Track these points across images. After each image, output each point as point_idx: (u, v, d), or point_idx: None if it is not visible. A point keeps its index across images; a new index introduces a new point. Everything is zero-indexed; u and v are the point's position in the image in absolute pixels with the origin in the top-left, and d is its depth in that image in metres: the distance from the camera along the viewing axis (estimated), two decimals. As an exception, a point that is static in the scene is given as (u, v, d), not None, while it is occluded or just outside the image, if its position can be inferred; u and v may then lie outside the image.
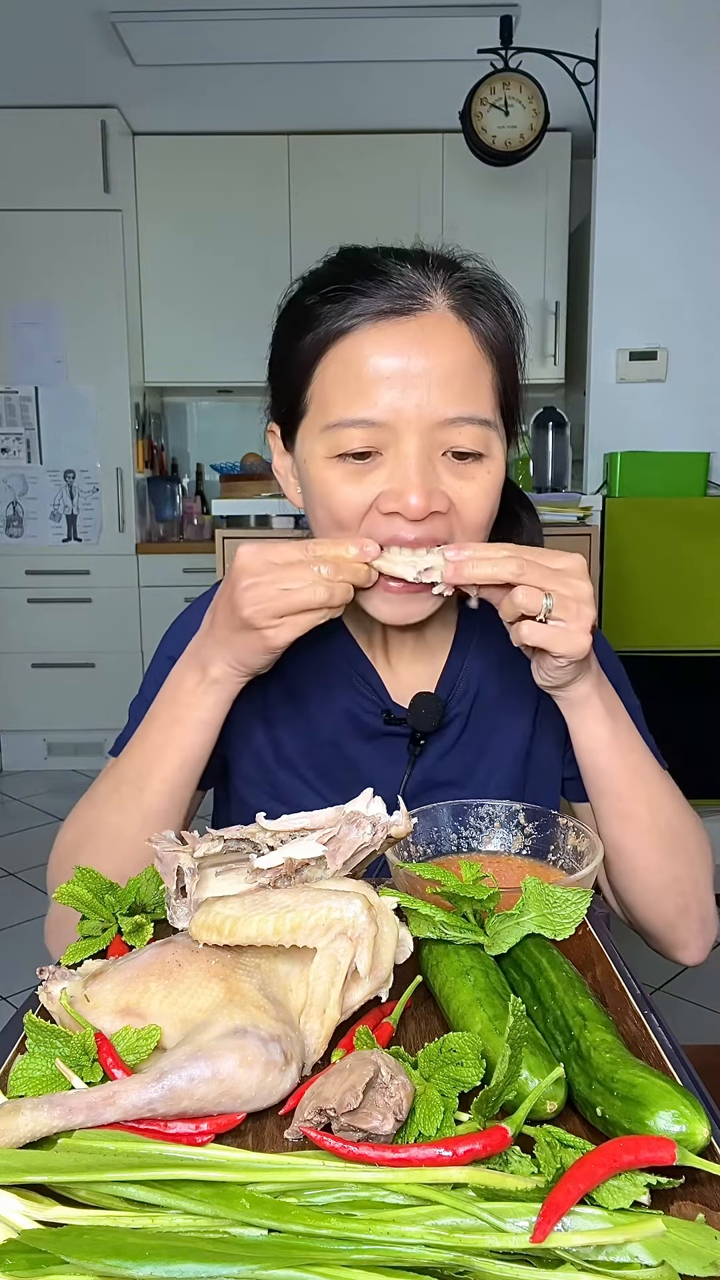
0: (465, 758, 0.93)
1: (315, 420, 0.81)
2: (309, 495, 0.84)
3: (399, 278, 0.78)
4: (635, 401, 2.77)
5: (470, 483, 0.79)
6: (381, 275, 0.78)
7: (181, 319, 4.05)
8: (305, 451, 0.82)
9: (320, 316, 0.80)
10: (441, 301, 0.78)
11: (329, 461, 0.79)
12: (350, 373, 0.77)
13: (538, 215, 3.91)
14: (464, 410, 0.77)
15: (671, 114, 2.67)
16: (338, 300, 0.79)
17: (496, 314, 0.81)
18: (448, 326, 0.78)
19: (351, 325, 0.78)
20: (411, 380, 0.76)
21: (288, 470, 0.89)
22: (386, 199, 3.89)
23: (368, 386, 0.76)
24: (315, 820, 0.65)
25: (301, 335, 0.81)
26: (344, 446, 0.78)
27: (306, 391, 0.81)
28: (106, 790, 0.86)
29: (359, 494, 0.79)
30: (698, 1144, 0.46)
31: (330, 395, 0.79)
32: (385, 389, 0.76)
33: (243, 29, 3.11)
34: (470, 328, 0.79)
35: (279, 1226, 0.42)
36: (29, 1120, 0.47)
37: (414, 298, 0.77)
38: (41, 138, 3.69)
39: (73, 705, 3.96)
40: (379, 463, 0.78)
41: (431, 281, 0.79)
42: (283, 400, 0.85)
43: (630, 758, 0.84)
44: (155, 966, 0.56)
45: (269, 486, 2.86)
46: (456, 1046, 0.52)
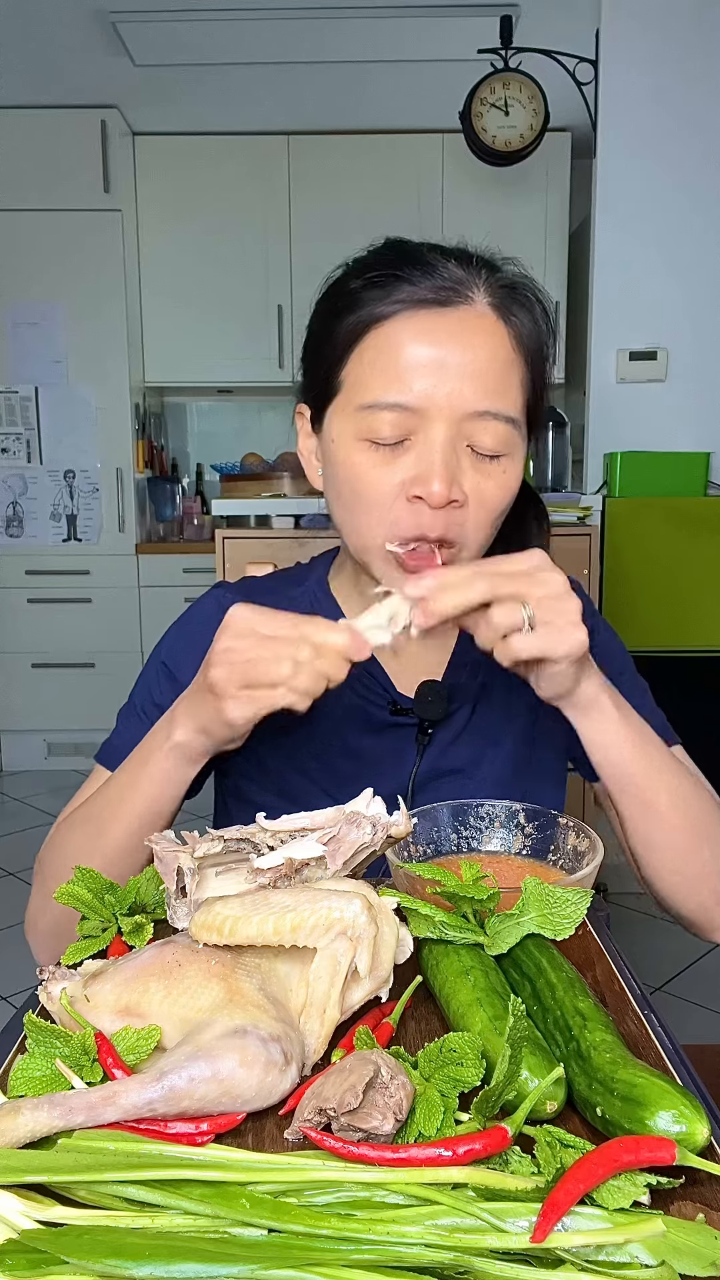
0: (473, 744, 0.94)
1: (348, 400, 0.82)
2: (334, 475, 0.85)
3: (443, 270, 0.80)
4: (635, 401, 2.77)
5: (489, 480, 0.81)
6: (426, 266, 0.80)
7: (181, 319, 4.05)
8: (334, 431, 0.84)
9: (362, 300, 0.81)
10: (482, 298, 0.80)
11: (358, 444, 0.81)
12: (388, 356, 0.79)
13: (538, 215, 3.91)
14: (494, 405, 0.79)
15: (672, 114, 2.66)
16: (381, 286, 0.80)
17: (532, 316, 0.83)
18: (487, 323, 0.80)
19: (393, 311, 0.79)
20: (447, 370, 0.78)
21: (311, 452, 0.90)
22: (386, 199, 3.89)
23: (404, 371, 0.78)
24: (315, 820, 0.65)
25: (342, 317, 0.82)
26: (375, 429, 0.79)
27: (341, 372, 0.83)
28: (79, 819, 0.87)
29: (387, 479, 0.80)
30: (698, 1144, 0.46)
31: (366, 377, 0.80)
32: (421, 375, 0.78)
33: (243, 29, 3.11)
34: (508, 326, 0.81)
35: (279, 1226, 0.42)
36: (29, 1120, 0.47)
37: (456, 291, 0.79)
38: (41, 138, 3.69)
39: (73, 705, 3.96)
40: (406, 449, 0.80)
41: (474, 278, 0.81)
42: (315, 380, 0.86)
43: (647, 751, 0.82)
44: (155, 966, 0.56)
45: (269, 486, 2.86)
46: (456, 1046, 0.52)
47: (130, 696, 0.96)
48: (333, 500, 0.87)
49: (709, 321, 2.73)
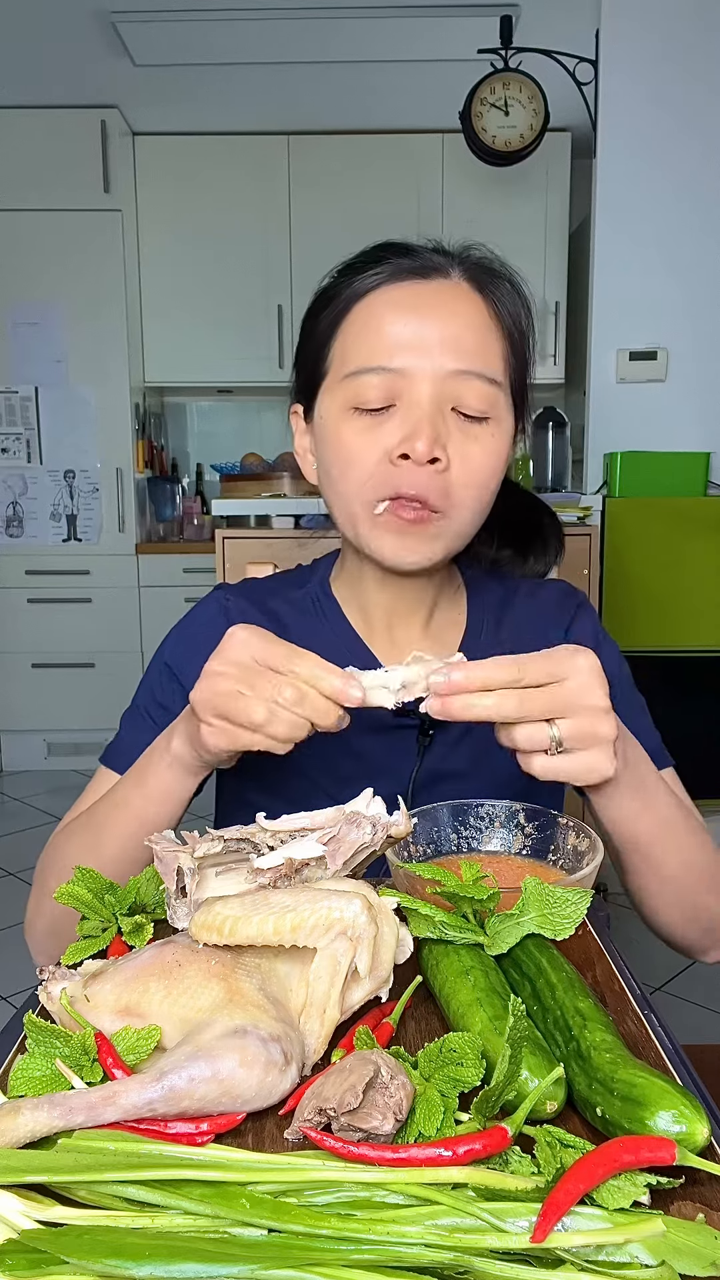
0: (474, 749, 0.94)
1: (336, 375, 0.84)
2: (325, 453, 0.86)
3: (420, 251, 0.85)
4: (635, 401, 2.77)
5: (475, 444, 0.83)
6: (402, 248, 0.85)
7: (181, 319, 4.05)
8: (324, 410, 0.86)
9: (344, 287, 0.85)
10: (458, 273, 0.84)
11: (345, 414, 0.83)
12: (370, 326, 0.82)
13: (538, 215, 3.91)
14: (475, 365, 0.81)
15: (671, 114, 2.66)
16: (361, 270, 0.84)
17: (508, 293, 0.86)
18: (463, 293, 0.84)
19: (374, 284, 0.83)
20: (428, 333, 0.81)
21: (306, 449, 0.92)
22: (386, 199, 3.89)
23: (386, 337, 0.81)
24: (315, 820, 0.65)
25: (326, 309, 0.86)
26: (361, 395, 0.82)
27: (329, 355, 0.86)
28: (79, 825, 0.87)
29: (373, 446, 0.82)
30: (698, 1144, 0.46)
31: (350, 348, 0.83)
32: (403, 339, 0.81)
33: (243, 29, 3.11)
34: (484, 299, 0.84)
35: (279, 1226, 0.42)
36: (29, 1120, 0.47)
37: (434, 266, 0.84)
38: (41, 138, 3.69)
39: (73, 705, 3.96)
40: (392, 414, 0.82)
41: (450, 260, 0.85)
42: (305, 372, 0.89)
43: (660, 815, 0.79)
44: (155, 966, 0.56)
45: (269, 486, 2.86)
46: (456, 1046, 0.52)
47: (134, 699, 0.96)
48: (324, 482, 0.88)
49: (709, 321, 2.73)
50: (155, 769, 0.79)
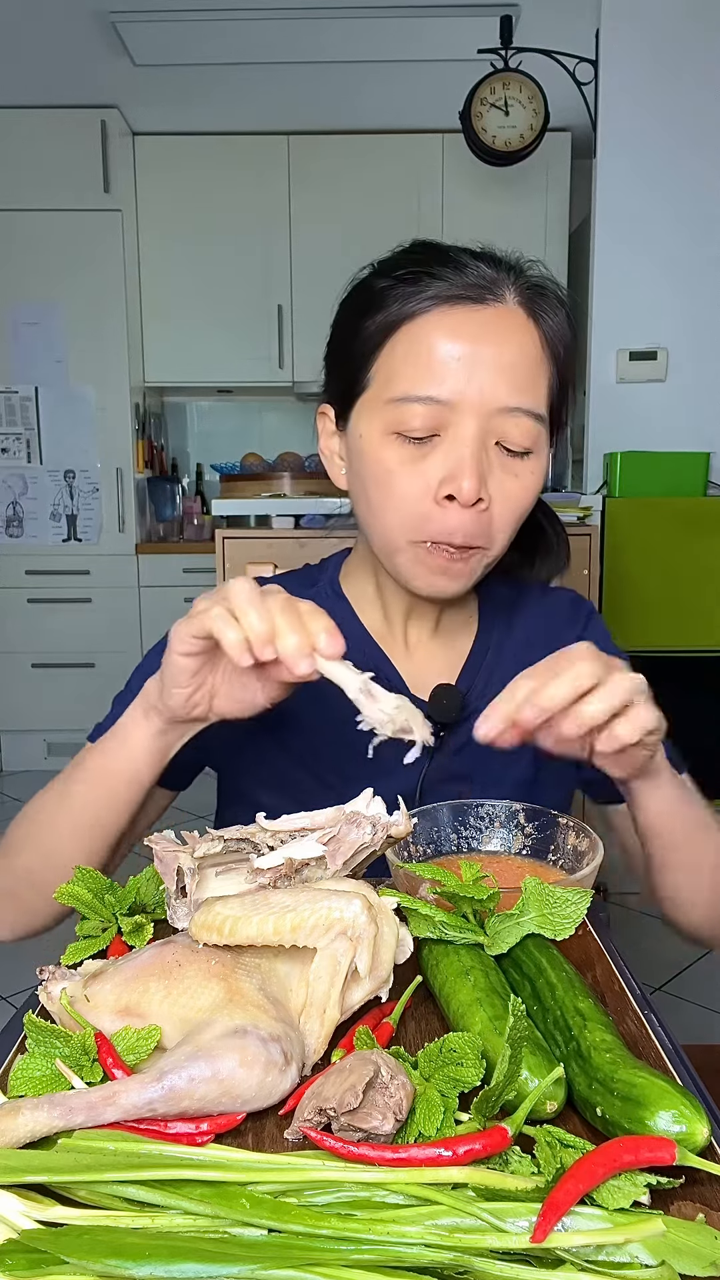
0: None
1: (378, 395, 0.82)
2: (361, 472, 0.85)
3: (473, 268, 0.81)
4: (635, 401, 2.77)
5: (515, 480, 0.82)
6: (456, 264, 0.81)
7: (181, 319, 4.05)
8: (362, 428, 0.84)
9: (392, 297, 0.82)
10: (513, 297, 0.81)
11: (386, 439, 0.81)
12: (419, 351, 0.79)
13: (538, 215, 3.91)
14: (524, 401, 0.80)
15: (671, 114, 2.66)
16: (412, 283, 0.81)
17: (559, 317, 0.84)
18: (517, 321, 0.81)
19: (425, 307, 0.80)
20: (478, 365, 0.78)
21: (334, 451, 0.91)
22: (386, 199, 3.89)
23: (436, 365, 0.79)
24: (315, 820, 0.65)
25: (370, 316, 0.83)
26: (405, 423, 0.80)
27: (371, 368, 0.83)
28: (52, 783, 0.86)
29: (416, 478, 0.81)
30: (698, 1144, 0.46)
31: (397, 371, 0.81)
32: (453, 369, 0.78)
33: (243, 29, 3.11)
34: (537, 326, 0.82)
35: (279, 1226, 0.42)
36: (29, 1120, 0.47)
37: (488, 289, 0.80)
38: (41, 138, 3.69)
39: (73, 705, 3.95)
40: (435, 445, 0.80)
41: (504, 278, 0.82)
42: (342, 378, 0.86)
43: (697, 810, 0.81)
44: (155, 966, 0.56)
45: (269, 486, 2.86)
46: (456, 1046, 0.52)
47: (128, 682, 0.96)
48: (358, 498, 0.87)
49: (709, 321, 2.73)
50: (124, 718, 0.80)
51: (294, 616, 0.67)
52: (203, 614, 0.68)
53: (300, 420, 4.55)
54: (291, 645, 0.66)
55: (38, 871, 0.81)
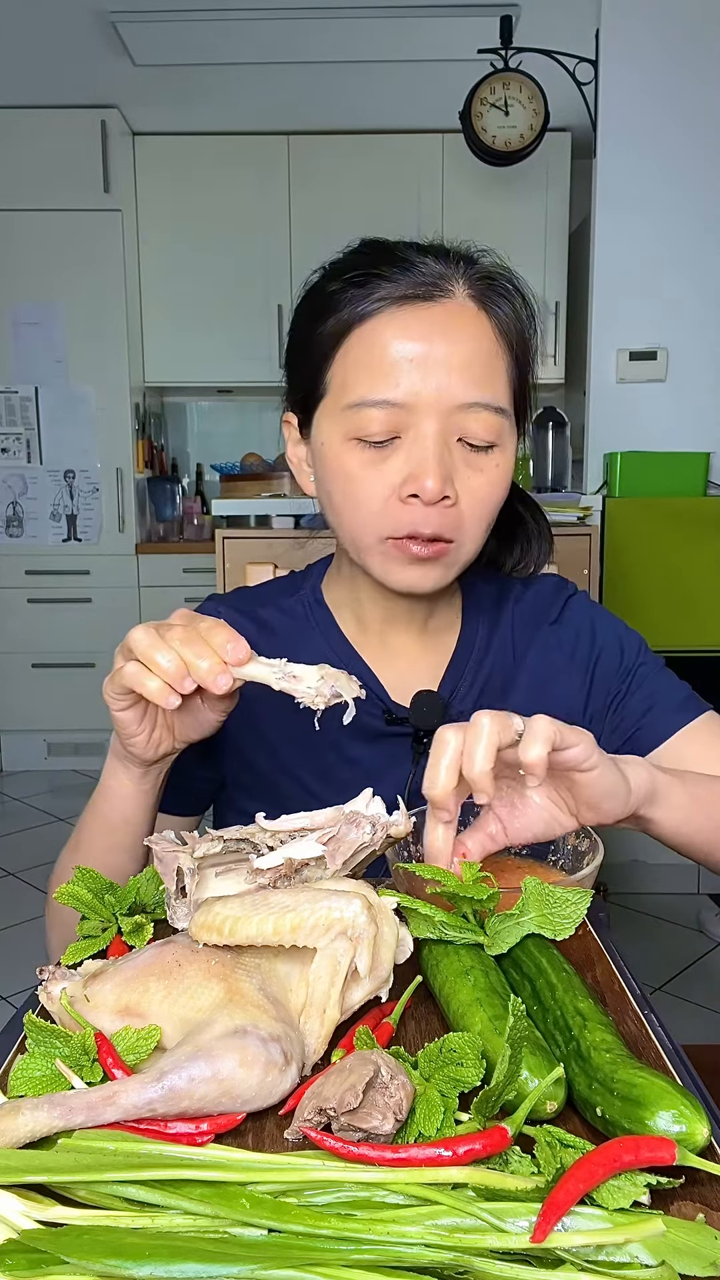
0: None
1: (335, 401, 0.82)
2: (326, 479, 0.85)
3: (422, 266, 0.80)
4: (635, 401, 2.77)
5: (480, 474, 0.81)
6: (404, 263, 0.80)
7: (181, 319, 4.05)
8: (323, 435, 0.84)
9: (342, 301, 0.81)
10: (463, 291, 0.80)
11: (347, 444, 0.81)
12: (373, 355, 0.79)
13: (538, 215, 3.91)
14: (482, 396, 0.79)
15: (671, 114, 2.66)
16: (361, 285, 0.80)
17: (513, 305, 0.83)
18: (468, 314, 0.80)
19: (375, 309, 0.79)
20: (433, 364, 0.78)
21: (302, 459, 0.90)
22: (386, 199, 3.89)
23: (390, 368, 0.78)
24: (315, 820, 0.65)
25: (323, 320, 0.82)
26: (364, 428, 0.79)
27: (326, 375, 0.83)
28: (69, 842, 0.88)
29: (379, 482, 0.80)
30: (698, 1144, 0.46)
31: (351, 376, 0.80)
32: (407, 371, 0.78)
33: (243, 29, 3.11)
34: (490, 317, 0.81)
35: (279, 1226, 0.42)
36: (29, 1120, 0.47)
37: (437, 285, 0.80)
38: (41, 138, 3.69)
39: (73, 705, 3.96)
40: (396, 447, 0.80)
41: (453, 272, 0.81)
42: (301, 386, 0.86)
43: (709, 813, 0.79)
44: (155, 966, 0.56)
45: (269, 486, 2.86)
46: (456, 1046, 0.52)
47: None
48: (325, 504, 0.87)
49: (709, 321, 2.73)
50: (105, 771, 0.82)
51: (197, 642, 0.68)
52: (119, 672, 0.71)
53: (300, 420, 4.54)
54: (204, 670, 0.68)
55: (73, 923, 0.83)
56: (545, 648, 0.96)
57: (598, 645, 0.97)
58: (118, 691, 0.72)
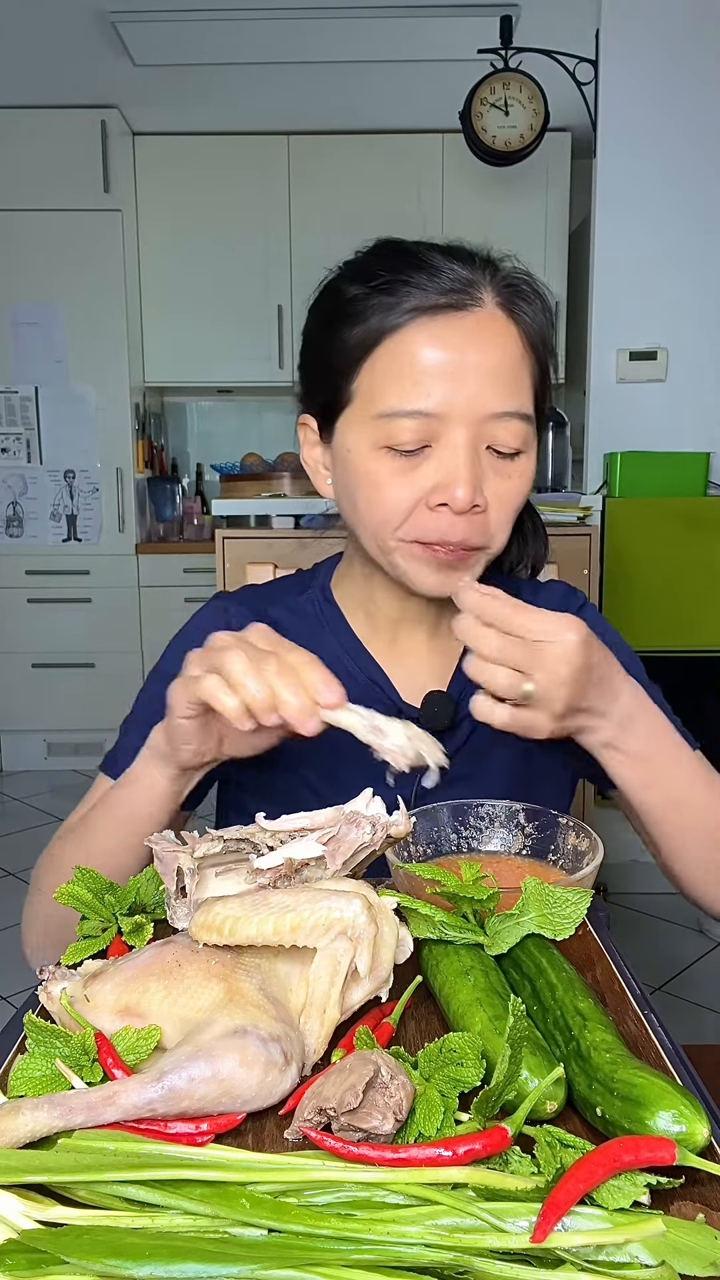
0: (475, 756, 0.93)
1: (363, 410, 0.81)
2: (351, 486, 0.84)
3: (448, 271, 0.80)
4: (635, 401, 2.77)
5: (507, 481, 0.82)
6: (431, 269, 0.80)
7: (181, 319, 4.05)
8: (349, 442, 0.83)
9: (369, 309, 0.80)
10: (491, 299, 0.80)
11: (376, 453, 0.81)
12: (404, 364, 0.79)
13: (538, 215, 3.91)
14: (511, 405, 0.79)
15: (671, 114, 2.66)
16: (389, 293, 0.80)
17: (536, 311, 0.83)
18: (498, 324, 0.80)
19: (406, 319, 0.79)
20: (464, 373, 0.78)
21: (319, 462, 0.90)
22: (386, 199, 3.89)
23: (422, 378, 0.78)
24: (315, 820, 0.65)
25: (348, 327, 0.82)
26: (395, 437, 0.79)
27: (353, 383, 0.82)
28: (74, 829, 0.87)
29: (407, 491, 0.80)
30: (698, 1144, 0.46)
31: (381, 386, 0.80)
32: (439, 381, 0.78)
33: (243, 29, 3.11)
34: (517, 324, 0.81)
35: (279, 1226, 0.42)
36: (29, 1120, 0.47)
37: (466, 293, 0.79)
38: (41, 138, 3.69)
39: (73, 705, 3.96)
40: (426, 456, 0.80)
41: (480, 278, 0.81)
42: (322, 391, 0.86)
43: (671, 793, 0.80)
44: (155, 966, 0.56)
45: (269, 486, 2.86)
46: (456, 1046, 0.52)
47: (133, 707, 0.96)
48: (348, 509, 0.87)
49: (709, 321, 2.73)
50: (138, 764, 0.80)
51: (291, 678, 0.67)
52: (197, 682, 0.69)
53: (300, 420, 4.54)
54: (294, 709, 0.66)
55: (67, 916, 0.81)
56: None
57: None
58: (191, 700, 0.70)
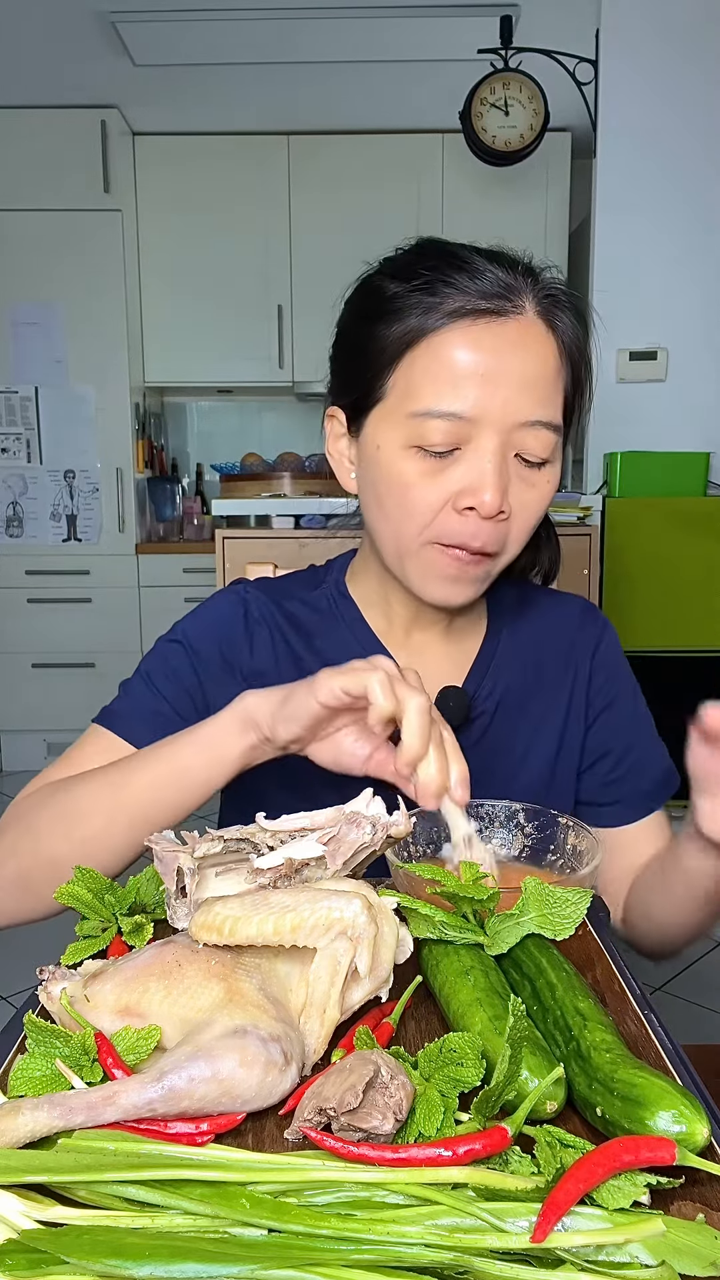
0: (487, 759, 0.93)
1: (396, 408, 0.81)
2: (376, 481, 0.84)
3: (490, 275, 0.80)
4: (635, 401, 2.77)
5: (533, 490, 0.82)
6: (472, 271, 0.80)
7: (182, 319, 4.05)
8: (379, 438, 0.83)
9: (409, 308, 0.80)
10: (531, 307, 0.80)
11: (406, 451, 0.81)
12: (441, 365, 0.79)
13: (538, 215, 3.91)
14: (544, 414, 0.80)
15: (671, 114, 2.67)
16: (429, 293, 0.80)
17: (574, 324, 0.83)
18: (537, 333, 0.80)
19: (446, 321, 0.79)
20: (501, 379, 0.78)
21: (344, 455, 0.90)
22: (386, 199, 3.89)
23: (459, 380, 0.78)
24: (315, 820, 0.65)
25: (387, 323, 0.82)
26: (426, 438, 0.79)
27: (388, 380, 0.82)
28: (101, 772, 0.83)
29: (435, 492, 0.80)
30: (698, 1144, 0.46)
31: (417, 385, 0.80)
32: (475, 385, 0.78)
33: (243, 29, 3.11)
34: (555, 335, 0.81)
35: (279, 1226, 0.42)
36: (29, 1120, 0.47)
37: (507, 299, 0.79)
38: (41, 138, 3.69)
39: (73, 705, 3.95)
40: (456, 459, 0.80)
41: (521, 285, 0.80)
42: (355, 385, 0.85)
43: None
44: (155, 966, 0.56)
45: (269, 486, 2.86)
46: (456, 1046, 0.52)
47: (138, 669, 0.94)
48: (371, 505, 0.87)
49: (709, 321, 2.74)
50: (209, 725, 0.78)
51: (442, 753, 0.70)
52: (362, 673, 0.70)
53: (300, 420, 4.55)
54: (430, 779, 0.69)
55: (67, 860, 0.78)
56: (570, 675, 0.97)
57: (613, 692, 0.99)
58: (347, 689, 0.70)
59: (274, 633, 0.94)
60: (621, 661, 1.00)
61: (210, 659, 0.92)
